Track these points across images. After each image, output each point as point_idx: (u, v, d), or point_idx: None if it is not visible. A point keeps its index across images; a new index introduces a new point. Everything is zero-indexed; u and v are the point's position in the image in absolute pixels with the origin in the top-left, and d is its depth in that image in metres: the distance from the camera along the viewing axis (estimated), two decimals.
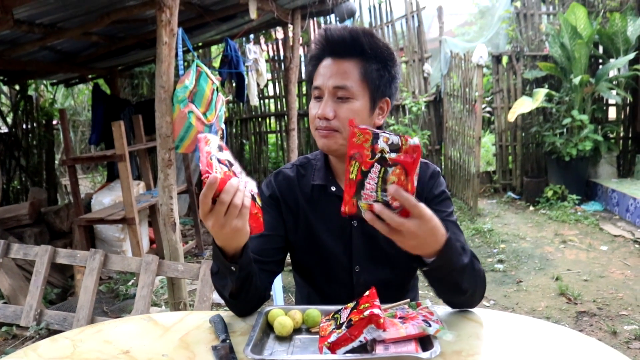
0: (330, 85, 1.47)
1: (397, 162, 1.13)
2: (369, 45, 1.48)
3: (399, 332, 1.23)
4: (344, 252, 1.61)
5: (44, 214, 5.47)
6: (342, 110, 1.47)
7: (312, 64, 1.56)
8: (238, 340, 1.36)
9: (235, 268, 1.33)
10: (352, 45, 1.47)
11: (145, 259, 3.38)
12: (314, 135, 1.54)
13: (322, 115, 1.47)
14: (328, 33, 1.49)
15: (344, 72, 1.47)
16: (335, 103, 1.48)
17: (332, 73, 1.48)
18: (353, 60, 1.48)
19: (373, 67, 1.49)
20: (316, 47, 1.54)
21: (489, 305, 4.15)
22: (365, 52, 1.48)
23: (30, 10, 4.10)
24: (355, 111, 1.48)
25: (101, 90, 6.97)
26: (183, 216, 7.54)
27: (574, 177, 7.05)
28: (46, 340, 1.43)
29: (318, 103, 1.51)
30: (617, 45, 6.94)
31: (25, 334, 3.65)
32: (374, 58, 1.49)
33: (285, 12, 5.64)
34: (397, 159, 1.12)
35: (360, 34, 1.48)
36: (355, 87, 1.47)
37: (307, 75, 1.62)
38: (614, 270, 4.69)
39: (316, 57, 1.54)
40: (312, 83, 1.55)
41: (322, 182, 1.61)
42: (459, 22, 15.15)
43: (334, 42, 1.49)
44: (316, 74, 1.53)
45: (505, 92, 7.80)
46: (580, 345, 1.32)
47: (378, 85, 1.51)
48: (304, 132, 8.28)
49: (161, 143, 3.53)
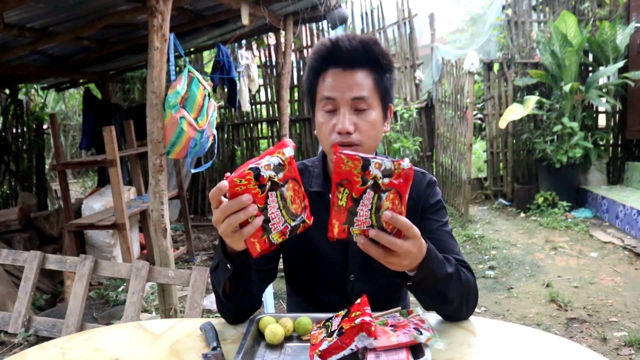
0: (348, 97, 1.42)
1: (390, 187, 1.10)
2: (379, 53, 1.44)
3: (390, 340, 1.22)
4: (339, 260, 1.61)
5: (33, 219, 5.44)
6: (362, 122, 1.43)
7: (313, 74, 1.50)
8: (229, 348, 1.35)
9: (230, 267, 1.32)
10: (364, 55, 1.43)
11: (136, 265, 3.36)
12: (330, 152, 1.48)
13: (344, 129, 1.40)
14: (341, 44, 1.43)
15: (360, 82, 1.42)
16: (354, 115, 1.43)
17: (347, 84, 1.42)
18: (364, 70, 1.43)
19: (383, 75, 1.46)
20: (320, 57, 1.47)
21: (480, 312, 4.16)
22: (377, 61, 1.44)
23: (21, 14, 4.09)
24: (373, 122, 1.44)
25: (92, 94, 6.95)
26: (174, 222, 7.52)
27: (565, 184, 7.10)
28: (35, 348, 1.42)
29: (331, 117, 1.45)
30: (606, 53, 7.00)
31: (14, 340, 3.61)
32: (383, 66, 1.46)
33: (277, 18, 5.65)
34: (390, 184, 1.10)
35: (370, 43, 1.44)
36: (371, 97, 1.44)
37: (308, 86, 1.54)
38: (604, 277, 4.71)
39: (318, 68, 1.48)
40: (315, 93, 1.50)
41: (320, 189, 1.60)
42: (451, 29, 15.22)
43: (345, 53, 1.43)
44: (323, 84, 1.47)
45: (496, 99, 7.84)
46: (571, 353, 1.32)
47: (387, 92, 1.48)
48: (295, 137, 8.28)
49: (152, 148, 3.51)
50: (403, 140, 7.33)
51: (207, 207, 8.58)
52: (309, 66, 1.51)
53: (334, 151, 1.14)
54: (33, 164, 7.70)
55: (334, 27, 5.95)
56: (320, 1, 5.42)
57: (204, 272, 3.19)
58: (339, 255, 1.60)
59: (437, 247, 1.46)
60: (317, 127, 1.50)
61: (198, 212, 8.56)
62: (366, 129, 1.43)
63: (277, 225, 1.16)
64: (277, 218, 1.16)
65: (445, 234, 1.56)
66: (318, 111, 1.49)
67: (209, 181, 8.62)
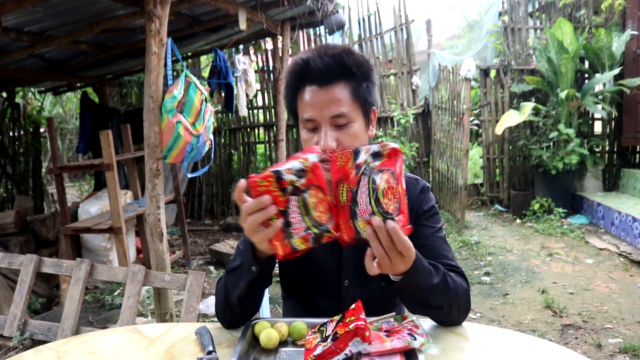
0: (327, 115, 1.41)
1: (382, 167, 1.13)
2: (353, 64, 1.43)
3: (384, 346, 1.23)
4: (334, 266, 1.61)
5: (29, 223, 5.43)
6: (344, 137, 1.43)
7: (292, 91, 1.49)
8: (224, 353, 1.36)
9: (256, 269, 1.34)
10: (337, 71, 1.42)
11: (132, 269, 3.36)
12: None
13: (325, 148, 1.39)
14: (312, 64, 1.42)
15: (337, 98, 1.41)
16: (335, 131, 1.43)
17: (324, 102, 1.41)
18: (340, 84, 1.42)
19: (360, 84, 1.45)
20: (294, 76, 1.47)
21: (475, 318, 4.17)
22: (352, 72, 1.44)
23: (18, 17, 4.10)
24: (355, 134, 1.44)
25: (89, 98, 6.94)
26: (170, 226, 7.52)
27: (560, 191, 7.12)
28: (30, 351, 1.42)
29: (314, 134, 1.45)
30: (602, 60, 7.03)
31: (9, 344, 3.61)
32: (359, 75, 1.45)
33: (274, 24, 5.66)
34: (381, 164, 1.13)
35: (343, 55, 1.43)
36: (350, 110, 1.43)
37: (288, 103, 1.54)
38: (599, 284, 4.72)
39: (295, 85, 1.47)
40: (296, 111, 1.50)
41: None
42: (448, 35, 15.25)
43: (318, 71, 1.41)
44: (301, 104, 1.46)
45: (492, 105, 7.86)
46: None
47: (367, 100, 1.48)
48: (292, 143, 8.29)
49: (149, 153, 3.52)
50: (400, 146, 7.33)
51: (203, 212, 8.58)
52: (286, 84, 1.51)
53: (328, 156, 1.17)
54: (30, 167, 7.69)
55: (331, 32, 5.97)
56: (317, 7, 5.43)
57: (200, 276, 3.19)
58: (333, 261, 1.61)
59: (430, 252, 1.47)
60: (302, 143, 1.50)
61: (194, 216, 8.56)
62: (349, 142, 1.43)
63: (299, 230, 1.18)
64: (298, 223, 1.17)
65: (439, 239, 1.57)
66: (301, 129, 1.49)
67: (206, 186, 8.62)
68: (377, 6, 8.17)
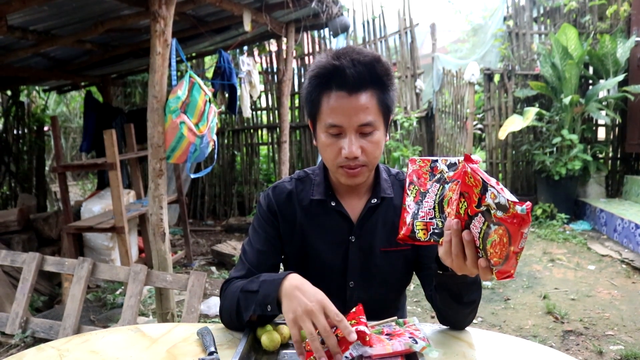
0: (355, 123, 1.40)
1: (501, 222, 1.05)
2: (383, 73, 1.42)
3: (385, 349, 1.23)
4: (339, 267, 1.61)
5: (32, 221, 5.44)
6: (367, 144, 1.43)
7: (317, 92, 1.45)
8: (225, 354, 1.36)
9: (271, 309, 1.35)
10: (369, 79, 1.40)
11: (134, 269, 3.36)
12: (336, 172, 1.50)
13: (351, 155, 1.41)
14: (346, 71, 1.38)
15: (365, 107, 1.40)
16: (360, 139, 1.43)
17: (353, 109, 1.40)
18: (368, 92, 1.40)
19: (386, 93, 1.44)
20: (323, 77, 1.43)
21: (476, 323, 4.16)
22: (381, 81, 1.42)
23: (24, 16, 4.11)
24: (378, 142, 1.45)
25: (93, 97, 6.96)
26: (173, 226, 7.53)
27: (563, 196, 7.10)
28: (32, 349, 1.42)
29: (336, 139, 1.44)
30: (607, 66, 7.02)
31: (10, 341, 3.61)
32: (387, 85, 1.44)
33: (279, 25, 5.67)
34: (501, 219, 1.04)
35: (375, 65, 1.41)
36: (376, 118, 1.42)
37: (310, 107, 1.50)
38: (601, 290, 4.71)
39: (322, 87, 1.44)
40: (317, 110, 1.46)
41: (321, 197, 1.60)
42: (452, 39, 15.24)
43: (350, 78, 1.38)
44: (327, 108, 1.43)
45: (496, 109, 7.85)
46: None
47: (390, 108, 1.48)
48: (295, 144, 8.30)
49: (152, 153, 3.53)
50: (403, 149, 7.34)
51: (205, 212, 8.59)
52: (311, 85, 1.46)
53: (467, 165, 1.13)
54: (33, 166, 7.72)
55: (336, 35, 5.98)
56: (322, 9, 5.44)
57: (201, 277, 3.19)
58: (339, 262, 1.61)
59: None
60: (321, 147, 1.49)
61: (197, 216, 8.56)
62: (372, 150, 1.44)
63: (425, 216, 1.23)
64: (427, 208, 1.24)
65: None
66: (321, 131, 1.47)
67: (209, 186, 8.63)
68: (381, 9, 8.20)
